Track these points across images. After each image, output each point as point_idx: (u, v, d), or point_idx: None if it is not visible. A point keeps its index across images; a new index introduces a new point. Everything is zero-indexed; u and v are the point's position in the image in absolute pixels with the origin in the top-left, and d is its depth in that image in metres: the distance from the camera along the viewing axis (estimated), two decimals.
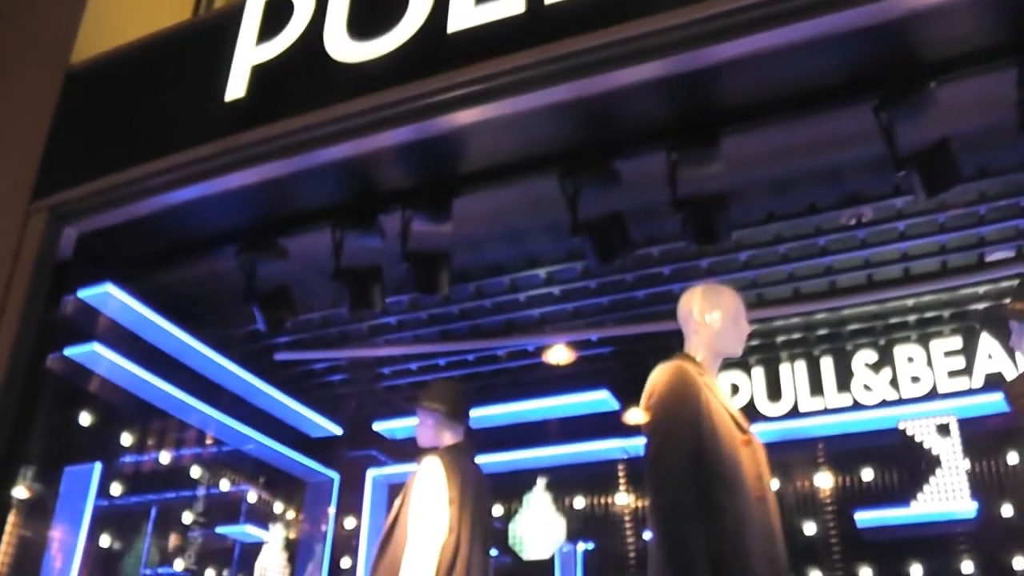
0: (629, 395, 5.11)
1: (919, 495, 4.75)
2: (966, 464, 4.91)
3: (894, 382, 5.04)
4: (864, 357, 5.13)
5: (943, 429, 4.86)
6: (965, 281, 4.61)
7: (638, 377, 3.79)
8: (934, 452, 4.86)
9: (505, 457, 5.36)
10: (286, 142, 3.38)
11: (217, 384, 5.09)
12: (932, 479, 4.84)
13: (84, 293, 4.28)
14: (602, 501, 5.33)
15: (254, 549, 5.21)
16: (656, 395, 3.00)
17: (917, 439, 4.82)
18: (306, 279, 4.38)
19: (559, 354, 5.19)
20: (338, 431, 5.68)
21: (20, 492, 4.20)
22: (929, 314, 4.97)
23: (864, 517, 4.73)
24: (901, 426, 4.86)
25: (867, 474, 4.97)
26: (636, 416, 3.28)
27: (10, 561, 4.14)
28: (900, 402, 4.98)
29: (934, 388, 4.96)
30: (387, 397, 5.67)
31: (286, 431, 5.55)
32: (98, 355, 4.40)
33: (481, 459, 4.81)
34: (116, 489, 4.55)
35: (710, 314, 3.24)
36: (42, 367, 3.91)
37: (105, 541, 4.48)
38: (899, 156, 3.23)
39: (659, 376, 3.05)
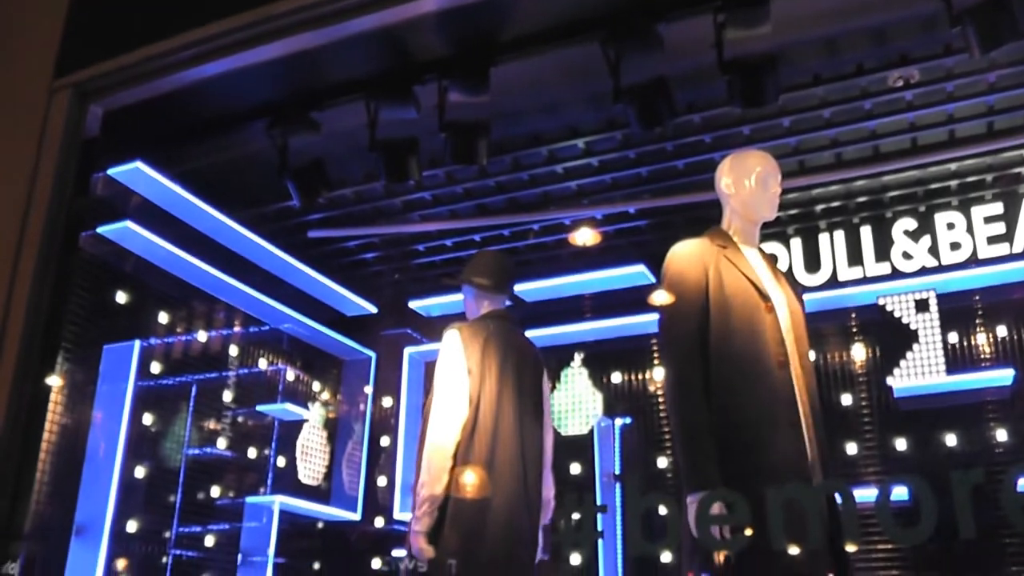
0: None
1: (955, 362, 4.77)
2: (1002, 331, 4.88)
3: (933, 249, 4.96)
4: (904, 225, 5.04)
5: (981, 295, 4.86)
6: (1011, 143, 4.51)
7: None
8: (973, 319, 4.85)
9: (541, 333, 5.31)
10: (318, 12, 3.27)
11: (252, 263, 5.08)
12: (968, 346, 4.84)
13: (114, 171, 4.23)
14: (639, 376, 5.31)
15: (294, 428, 5.24)
16: (663, 276, 3.13)
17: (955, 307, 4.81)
18: (339, 155, 4.32)
19: (585, 235, 5.14)
20: (373, 309, 5.67)
21: (60, 375, 4.22)
22: (971, 179, 4.86)
23: (902, 386, 4.69)
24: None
25: (905, 343, 4.90)
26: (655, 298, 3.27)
27: (54, 448, 4.18)
28: (939, 269, 4.90)
29: (974, 254, 4.87)
30: (422, 274, 5.64)
31: (322, 309, 5.55)
32: (132, 232, 4.36)
33: None
34: (155, 368, 4.55)
35: (737, 181, 3.33)
36: (76, 246, 3.88)
37: (147, 422, 4.50)
38: (954, 11, 3.14)
39: (668, 257, 3.18)
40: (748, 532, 2.83)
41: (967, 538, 2.45)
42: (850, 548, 3.08)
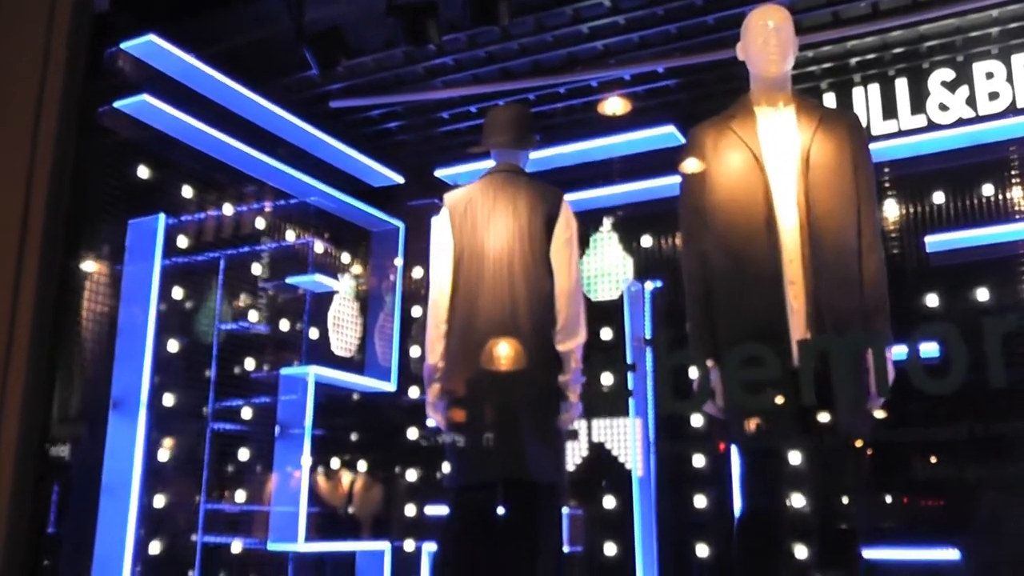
0: None
1: (989, 216, 4.69)
2: None
3: (971, 100, 4.81)
4: (941, 75, 4.88)
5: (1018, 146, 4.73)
6: None
7: (705, 111, 3.69)
8: (1008, 171, 4.75)
9: (570, 198, 5.24)
10: None
11: (276, 135, 5.03)
12: (1003, 198, 4.74)
13: (127, 45, 4.17)
14: (670, 239, 5.24)
15: (325, 300, 5.25)
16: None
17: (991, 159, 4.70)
18: (356, 21, 4.22)
19: (613, 98, 5.03)
20: (401, 179, 5.62)
21: (88, 252, 4.24)
22: (1013, 25, 4.68)
23: (934, 240, 4.61)
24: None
25: (939, 197, 4.81)
26: None
27: (86, 325, 4.23)
28: (977, 120, 4.77)
29: (1013, 104, 4.73)
30: (447, 143, 5.56)
31: (349, 181, 5.50)
32: (149, 106, 4.31)
33: None
34: (183, 243, 4.55)
35: (744, 39, 3.58)
36: (93, 121, 3.83)
37: (177, 296, 4.52)
38: None
39: None
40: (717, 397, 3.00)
41: (997, 387, 2.43)
42: (824, 417, 3.12)
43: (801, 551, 3.48)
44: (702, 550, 4.75)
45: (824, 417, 3.11)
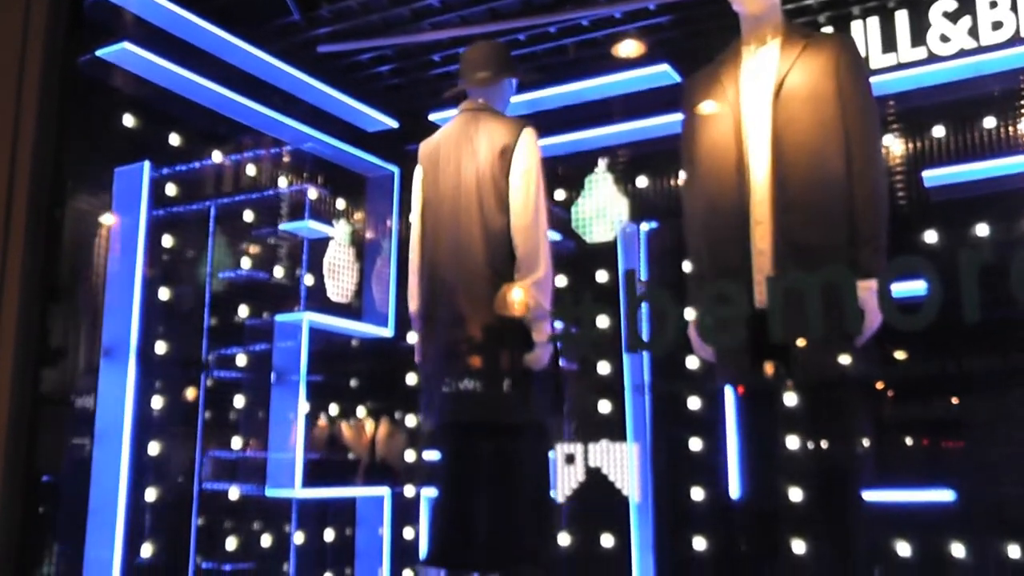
0: (690, 68, 4.86)
1: (990, 149, 4.58)
2: None
3: (973, 31, 4.69)
4: (942, 6, 4.75)
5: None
6: None
7: (700, 48, 3.63)
8: (1013, 102, 4.64)
9: (564, 139, 5.22)
10: None
11: (264, 81, 4.98)
12: (1006, 131, 4.64)
13: None
14: (665, 179, 5.18)
15: (320, 247, 5.23)
16: None
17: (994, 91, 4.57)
18: None
19: (629, 47, 4.96)
20: (394, 124, 5.56)
21: (75, 202, 4.22)
22: None
23: (933, 175, 4.52)
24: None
25: (938, 131, 4.70)
26: None
27: (75, 275, 4.23)
28: (979, 50, 4.65)
29: (1017, 33, 4.61)
30: (440, 86, 5.47)
31: (341, 127, 5.46)
32: (131, 54, 4.25)
33: (540, 143, 4.72)
34: (172, 191, 4.53)
35: None
36: (77, 71, 3.81)
37: (167, 244, 4.51)
38: None
39: None
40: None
41: (971, 322, 2.38)
42: (796, 356, 3.10)
43: (796, 497, 3.48)
44: (697, 494, 4.75)
45: (796, 356, 3.08)
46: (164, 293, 4.50)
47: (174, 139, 4.67)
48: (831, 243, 3.15)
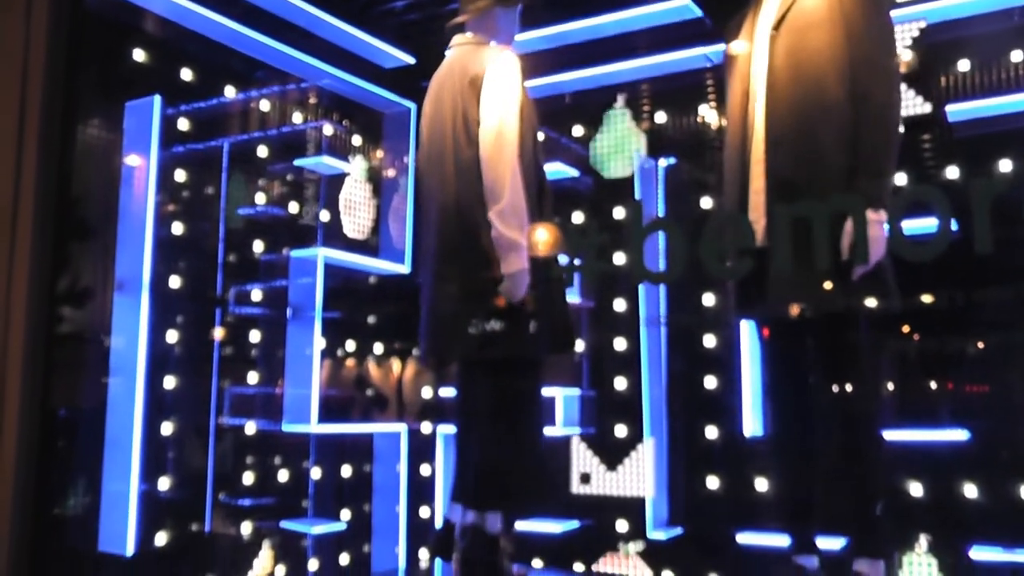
0: (711, 3, 4.79)
1: (1016, 84, 4.45)
2: None
3: None
4: None
5: None
6: None
7: None
8: None
9: (582, 75, 5.15)
10: None
11: (280, 17, 4.93)
12: None
13: None
14: (685, 115, 5.09)
15: (336, 183, 5.21)
16: None
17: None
18: None
19: None
20: (411, 60, 5.50)
21: (86, 137, 4.23)
22: None
23: (956, 109, 4.42)
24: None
25: (963, 65, 4.58)
26: None
27: (88, 209, 4.24)
28: None
29: None
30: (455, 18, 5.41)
31: (358, 63, 5.40)
32: None
33: (557, 78, 4.67)
34: (185, 126, 4.51)
35: None
36: (86, 4, 3.81)
37: (180, 179, 4.50)
38: None
39: None
40: None
41: (982, 253, 2.33)
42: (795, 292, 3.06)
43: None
44: (711, 432, 4.74)
45: (797, 292, 3.05)
46: (178, 228, 4.50)
47: (187, 75, 4.63)
48: (825, 178, 3.06)
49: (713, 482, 4.67)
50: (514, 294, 3.52)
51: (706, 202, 4.82)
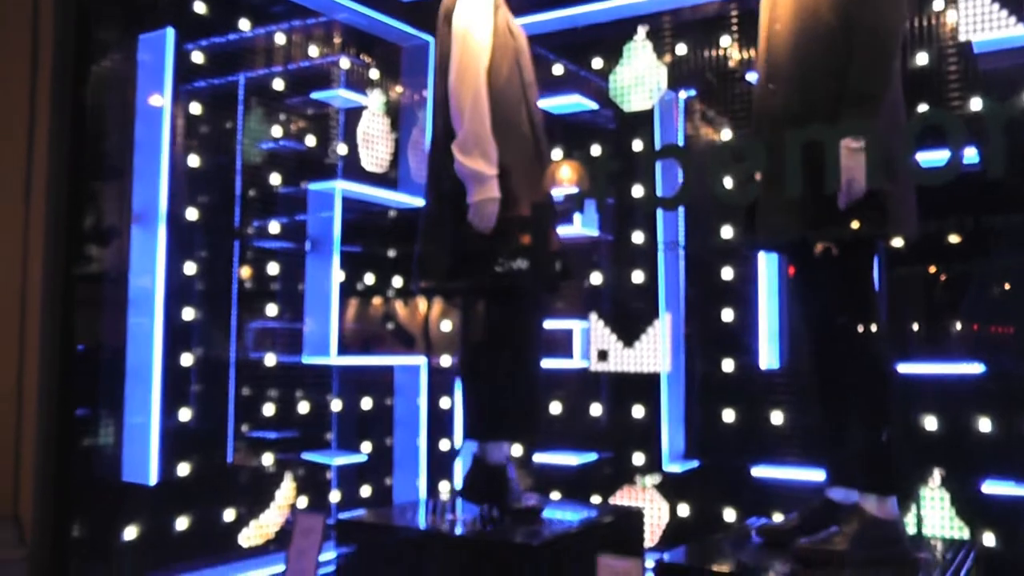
0: None
1: None
2: None
3: None
4: None
5: None
6: None
7: None
8: None
9: (602, 6, 5.07)
10: None
11: None
12: None
13: None
14: (705, 48, 4.99)
15: (354, 116, 5.20)
16: None
17: None
18: None
19: None
20: None
21: (100, 70, 4.23)
22: None
23: (983, 39, 4.29)
24: None
25: None
26: None
27: (103, 140, 4.25)
28: None
29: None
30: None
31: None
32: None
33: (579, 10, 4.61)
34: (199, 59, 4.50)
35: None
36: None
37: (196, 111, 4.50)
38: None
39: None
40: None
41: (995, 178, 2.30)
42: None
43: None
44: (728, 365, 4.74)
45: (780, 223, 3.04)
46: (194, 161, 4.51)
47: (201, 8, 4.60)
48: (816, 107, 3.01)
49: (729, 415, 4.68)
50: (480, 224, 3.57)
51: (726, 135, 4.77)
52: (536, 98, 3.90)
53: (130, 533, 4.21)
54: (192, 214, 4.48)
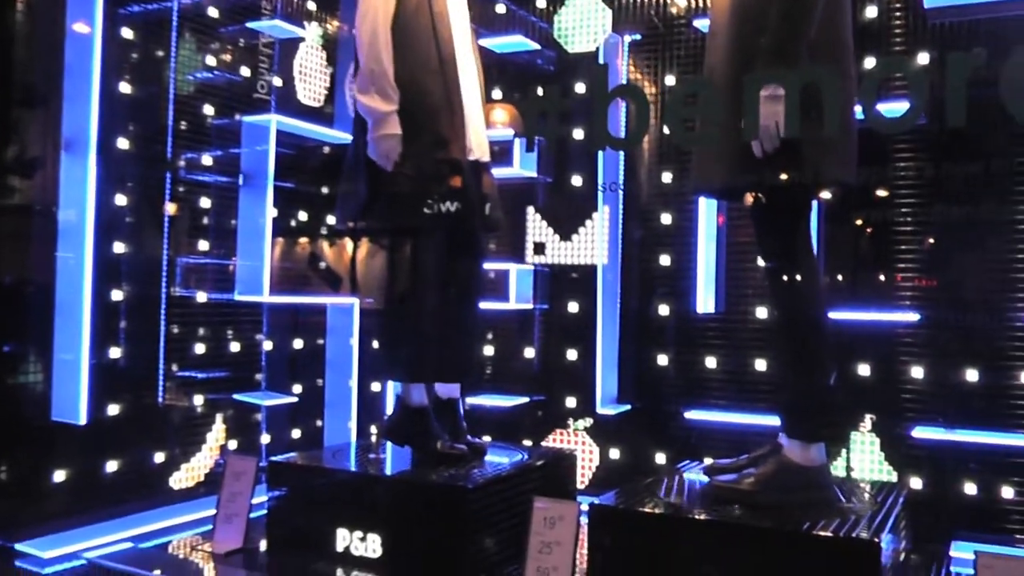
0: None
1: None
2: None
3: None
4: None
5: None
6: None
7: None
8: None
9: None
10: None
11: None
12: None
13: None
14: None
15: (290, 48, 5.06)
16: None
17: None
18: None
19: None
20: None
21: None
22: None
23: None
24: None
25: None
26: None
27: (28, 64, 4.08)
28: None
29: None
30: None
31: None
32: None
33: None
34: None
35: None
36: None
37: (128, 38, 4.34)
38: None
39: None
40: None
41: (955, 126, 2.31)
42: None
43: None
44: (664, 310, 4.76)
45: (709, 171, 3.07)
46: (125, 88, 4.36)
47: None
48: (747, 63, 2.98)
49: (663, 359, 4.71)
50: (381, 162, 3.61)
51: (670, 80, 4.74)
52: (450, 35, 3.78)
53: (59, 475, 4.11)
54: (123, 144, 4.33)
